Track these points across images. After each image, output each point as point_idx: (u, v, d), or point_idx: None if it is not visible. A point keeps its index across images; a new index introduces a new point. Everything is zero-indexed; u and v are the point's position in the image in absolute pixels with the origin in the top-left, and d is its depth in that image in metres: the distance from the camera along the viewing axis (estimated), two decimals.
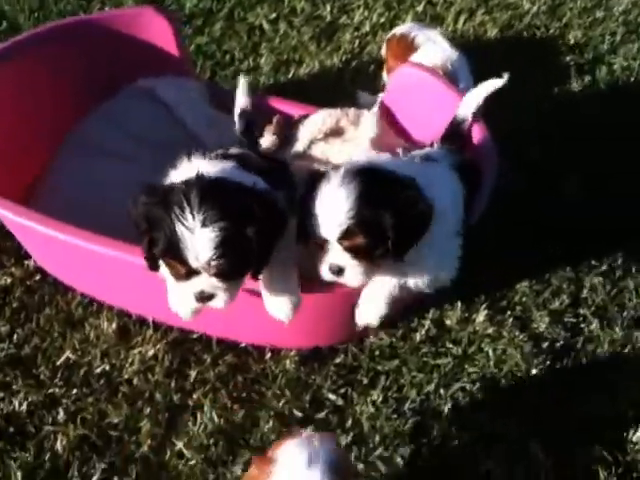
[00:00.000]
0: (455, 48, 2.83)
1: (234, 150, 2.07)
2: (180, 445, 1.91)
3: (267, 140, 2.51)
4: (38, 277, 2.29)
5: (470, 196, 1.92)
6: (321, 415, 1.99)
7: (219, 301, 1.65)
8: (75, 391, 2.02)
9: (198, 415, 1.97)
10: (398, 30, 2.98)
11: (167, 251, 1.57)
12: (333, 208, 1.62)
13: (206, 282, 1.60)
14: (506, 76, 2.12)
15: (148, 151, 2.48)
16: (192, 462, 1.87)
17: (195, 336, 2.14)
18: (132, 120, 2.59)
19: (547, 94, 3.06)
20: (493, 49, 3.29)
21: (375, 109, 2.58)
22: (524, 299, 2.25)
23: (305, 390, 2.04)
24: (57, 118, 2.50)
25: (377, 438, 1.92)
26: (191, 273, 1.59)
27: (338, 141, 2.53)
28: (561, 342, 2.16)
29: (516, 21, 3.40)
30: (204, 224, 1.51)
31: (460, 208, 1.84)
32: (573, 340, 2.17)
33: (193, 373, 2.06)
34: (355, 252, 1.68)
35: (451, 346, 2.14)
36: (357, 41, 3.30)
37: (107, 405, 1.99)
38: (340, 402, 2.02)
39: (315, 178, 1.70)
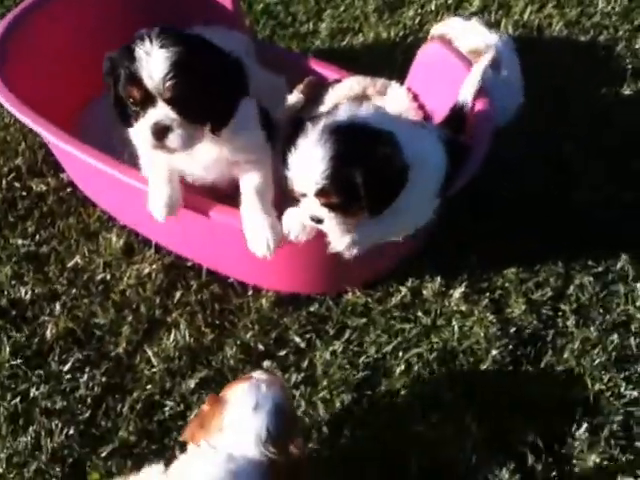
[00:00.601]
0: (498, 34, 2.81)
1: None
2: (150, 353, 2.10)
3: (294, 97, 2.63)
4: (69, 190, 2.53)
5: (452, 170, 1.98)
6: (282, 353, 2.13)
7: (174, 138, 1.73)
8: (74, 291, 2.25)
9: (173, 331, 2.15)
10: (436, 31, 2.96)
11: (126, 80, 1.70)
12: (309, 166, 1.70)
13: (161, 112, 1.71)
14: (489, 56, 2.14)
15: None
16: (155, 369, 2.06)
17: (189, 264, 2.32)
18: None
19: (600, 95, 3.01)
20: (555, 44, 3.25)
21: (404, 84, 2.64)
22: (506, 284, 2.29)
23: (274, 328, 2.18)
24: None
25: (325, 382, 2.04)
26: (147, 102, 1.70)
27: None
28: (530, 330, 2.18)
29: (584, 18, 3.34)
30: (161, 46, 1.66)
31: (440, 172, 1.91)
32: (543, 332, 2.19)
33: (178, 294, 2.24)
34: (331, 207, 1.78)
35: (421, 315, 2.21)
36: (418, 18, 3.35)
37: (98, 308, 2.21)
38: (302, 345, 2.15)
39: (295, 126, 1.81)
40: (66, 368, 2.06)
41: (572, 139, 2.73)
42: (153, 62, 1.66)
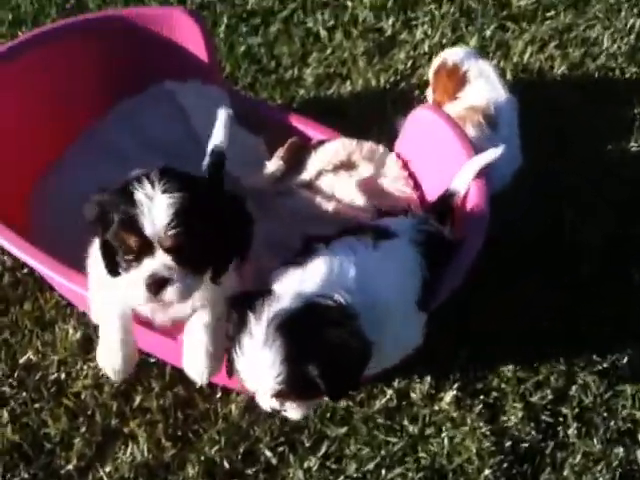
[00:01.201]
0: (505, 89, 2.60)
1: None
2: (102, 473, 1.89)
3: (273, 164, 2.42)
4: (26, 270, 2.31)
5: (437, 272, 1.76)
6: (250, 470, 1.92)
7: (172, 291, 1.53)
8: (25, 394, 2.05)
9: (130, 445, 1.94)
10: (449, 57, 2.71)
11: (122, 226, 1.50)
12: (260, 372, 1.47)
13: (159, 261, 1.51)
14: (500, 150, 1.93)
15: (157, 158, 2.43)
16: None
17: (152, 360, 2.11)
18: (147, 124, 2.57)
19: (608, 146, 2.78)
20: (557, 88, 3.02)
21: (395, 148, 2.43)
22: (502, 385, 2.07)
23: (242, 440, 1.97)
24: (73, 115, 2.50)
25: None
26: (144, 251, 1.51)
27: (346, 175, 2.40)
28: (527, 444, 1.96)
29: (589, 59, 3.10)
30: (164, 191, 1.48)
31: (413, 290, 1.70)
32: (543, 444, 1.97)
33: (138, 399, 2.03)
34: (290, 400, 1.58)
35: (407, 423, 2.00)
36: (410, 61, 3.12)
37: (49, 415, 2.00)
38: (274, 461, 1.94)
39: (239, 311, 1.55)
40: None
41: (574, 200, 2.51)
42: (155, 207, 1.47)
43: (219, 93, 2.64)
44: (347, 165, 2.42)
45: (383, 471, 1.91)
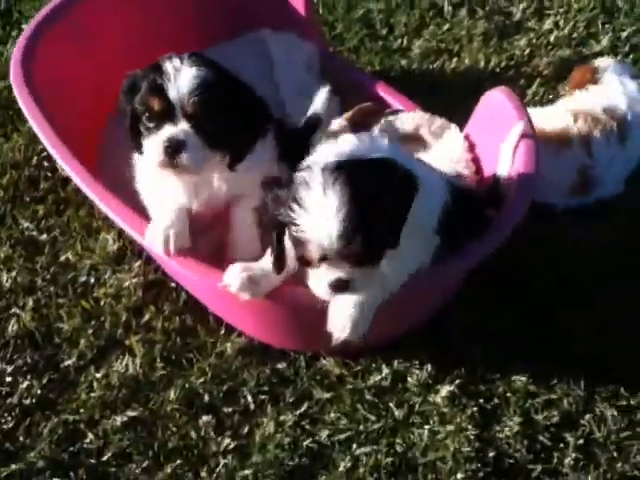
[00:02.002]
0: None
1: None
2: (93, 376, 1.97)
3: (338, 123, 2.37)
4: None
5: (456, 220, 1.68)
6: (227, 409, 1.92)
7: (187, 156, 1.66)
8: (52, 289, 2.17)
9: (126, 357, 2.01)
10: (594, 62, 2.58)
11: (148, 90, 1.66)
12: (324, 216, 1.42)
13: (179, 128, 1.66)
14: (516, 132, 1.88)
15: None
16: (93, 395, 1.94)
17: (173, 285, 2.16)
18: (238, 69, 2.61)
19: None
20: None
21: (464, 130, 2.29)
22: (508, 394, 1.90)
23: (229, 379, 1.97)
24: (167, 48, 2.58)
25: (255, 458, 1.82)
26: (166, 116, 1.65)
27: (413, 149, 2.30)
28: (513, 460, 1.79)
29: None
30: (192, 65, 1.66)
31: (437, 205, 1.64)
32: (531, 465, 1.80)
33: (147, 316, 2.09)
34: (357, 259, 1.49)
35: (394, 406, 1.90)
36: (529, 49, 2.91)
37: (67, 312, 2.11)
38: (252, 406, 1.93)
39: (272, 187, 1.54)
40: (9, 369, 1.99)
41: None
42: (181, 76, 1.63)
43: (310, 49, 2.63)
44: (412, 138, 2.31)
45: (354, 445, 1.83)
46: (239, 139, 1.75)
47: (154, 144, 1.67)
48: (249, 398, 1.93)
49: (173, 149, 1.65)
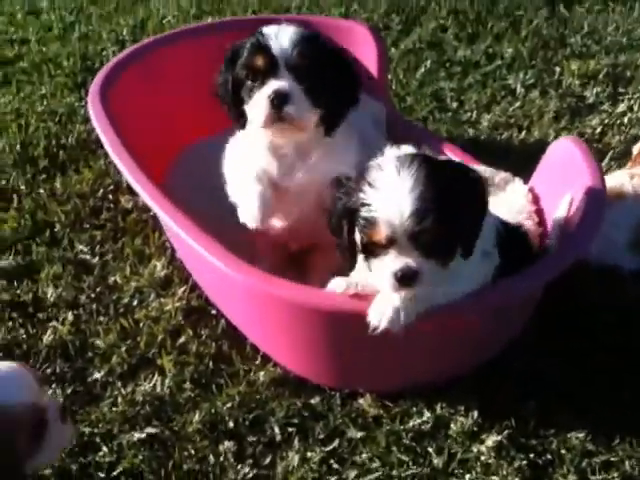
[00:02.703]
0: None
1: None
2: (119, 392, 1.90)
3: None
4: (152, 213, 2.47)
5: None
6: (252, 438, 1.79)
7: (293, 106, 1.73)
8: (94, 306, 2.15)
9: (156, 377, 1.93)
10: None
11: (252, 50, 1.76)
12: (397, 194, 1.40)
13: (283, 80, 1.73)
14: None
15: None
16: (115, 410, 1.84)
17: (214, 312, 2.10)
18: None
19: None
20: None
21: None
22: (562, 450, 1.70)
23: (258, 407, 1.85)
24: None
25: None
26: (270, 71, 1.73)
27: None
28: None
29: None
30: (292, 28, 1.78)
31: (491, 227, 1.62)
32: None
33: (182, 339, 2.02)
34: (428, 245, 1.44)
35: (433, 453, 1.72)
36: (600, 128, 2.86)
37: (105, 329, 2.07)
38: (278, 438, 1.79)
39: (343, 183, 1.55)
40: None
41: None
42: (283, 33, 1.74)
43: (378, 106, 2.66)
44: None
45: None
46: (336, 100, 1.82)
47: (260, 98, 1.73)
48: (276, 429, 1.79)
49: (280, 101, 1.70)
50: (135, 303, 2.16)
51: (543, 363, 1.87)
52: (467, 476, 1.66)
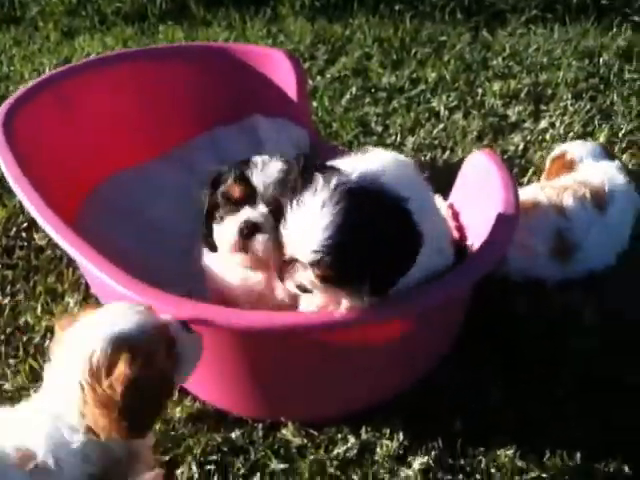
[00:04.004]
0: (621, 171, 2.32)
1: None
2: None
3: None
4: None
5: None
6: None
7: (261, 239, 1.58)
8: (3, 348, 2.02)
9: None
10: (560, 148, 2.55)
11: (234, 178, 1.63)
12: (310, 230, 1.40)
13: (257, 211, 1.60)
14: None
15: None
16: None
17: None
18: (230, 151, 2.63)
19: None
20: None
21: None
22: (491, 469, 1.64)
23: (175, 446, 1.75)
24: (164, 131, 2.63)
25: None
26: (246, 199, 1.61)
27: None
28: None
29: None
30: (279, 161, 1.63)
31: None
32: None
33: None
34: (325, 281, 1.45)
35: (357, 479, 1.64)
36: (523, 144, 2.88)
37: (14, 371, 1.94)
38: (196, 476, 1.69)
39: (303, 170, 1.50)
40: None
41: None
42: (269, 166, 1.61)
43: (299, 131, 2.65)
44: None
45: None
46: None
47: (230, 224, 1.61)
48: (194, 468, 1.69)
49: (248, 230, 1.58)
50: (46, 343, 2.04)
51: (470, 379, 1.82)
52: None
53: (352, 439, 1.72)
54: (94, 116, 2.46)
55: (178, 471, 1.69)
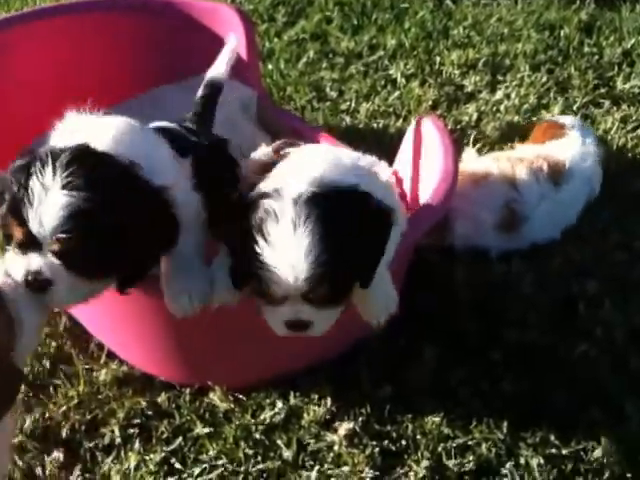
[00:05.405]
0: (595, 155, 2.33)
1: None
2: None
3: (263, 151, 2.23)
4: None
5: None
6: (89, 444, 1.65)
7: (57, 292, 1.29)
8: None
9: None
10: (561, 119, 2.54)
11: (8, 210, 1.27)
12: (292, 257, 1.28)
13: (45, 259, 1.27)
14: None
15: None
16: None
17: (56, 309, 1.92)
18: (177, 112, 2.54)
19: None
20: None
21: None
22: (417, 436, 1.62)
23: (97, 408, 1.72)
24: (103, 89, 2.51)
25: None
26: (30, 245, 1.27)
27: None
28: None
29: None
30: (64, 186, 1.23)
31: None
32: None
33: None
34: (322, 302, 1.36)
35: (283, 446, 1.61)
36: (476, 114, 2.84)
37: None
38: (118, 440, 1.66)
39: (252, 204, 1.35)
40: None
41: None
42: (47, 202, 1.23)
43: (248, 91, 2.56)
44: None
45: None
46: (134, 259, 1.35)
47: (18, 269, 1.29)
48: (116, 431, 1.65)
49: (38, 285, 1.28)
50: None
51: (402, 347, 1.79)
52: (317, 467, 1.56)
53: (280, 404, 1.69)
54: (31, 73, 2.35)
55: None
